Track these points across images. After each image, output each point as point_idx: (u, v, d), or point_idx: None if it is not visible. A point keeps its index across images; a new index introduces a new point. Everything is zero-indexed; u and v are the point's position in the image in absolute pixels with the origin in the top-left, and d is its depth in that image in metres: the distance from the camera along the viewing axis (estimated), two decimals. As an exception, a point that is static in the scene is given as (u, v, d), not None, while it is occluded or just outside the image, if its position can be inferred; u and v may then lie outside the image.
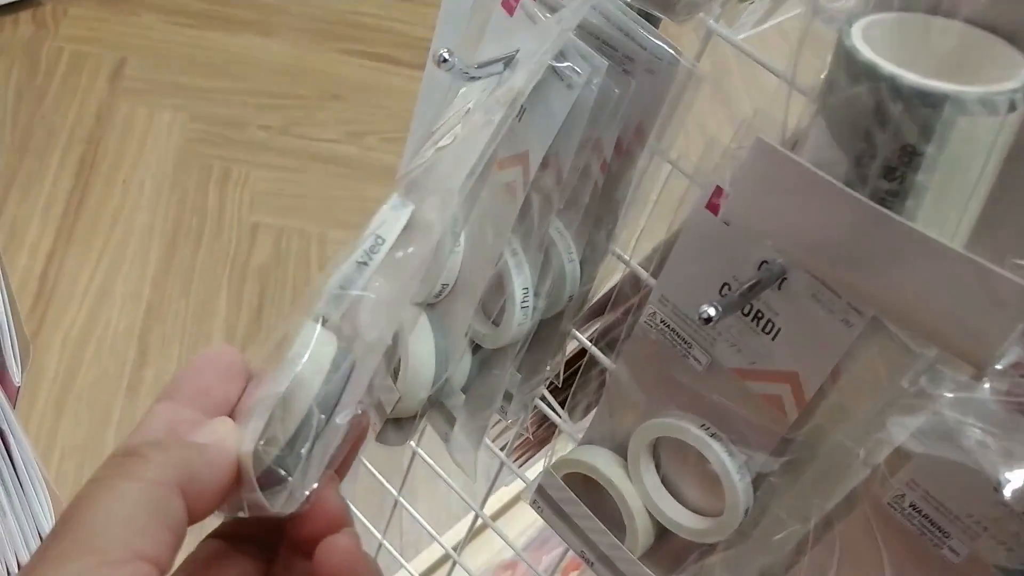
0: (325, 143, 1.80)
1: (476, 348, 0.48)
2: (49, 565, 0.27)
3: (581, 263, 0.47)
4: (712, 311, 0.32)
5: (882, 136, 0.26)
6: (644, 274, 0.43)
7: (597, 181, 0.42)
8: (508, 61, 0.38)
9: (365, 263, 0.34)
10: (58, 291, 1.44)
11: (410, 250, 0.35)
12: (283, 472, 0.32)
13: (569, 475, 0.47)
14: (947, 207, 0.28)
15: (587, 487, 0.47)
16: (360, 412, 0.33)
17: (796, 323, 0.35)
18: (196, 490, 0.30)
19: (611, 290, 0.51)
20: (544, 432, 0.65)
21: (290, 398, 0.32)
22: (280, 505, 0.31)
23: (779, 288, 0.36)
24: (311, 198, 1.69)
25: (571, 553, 0.94)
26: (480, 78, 0.38)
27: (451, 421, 0.49)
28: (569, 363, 0.54)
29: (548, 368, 0.52)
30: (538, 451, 0.71)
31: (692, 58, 0.41)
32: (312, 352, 0.33)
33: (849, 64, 0.27)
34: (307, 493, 0.32)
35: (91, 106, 1.74)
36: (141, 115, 1.75)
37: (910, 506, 0.35)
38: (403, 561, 0.85)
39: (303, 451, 0.32)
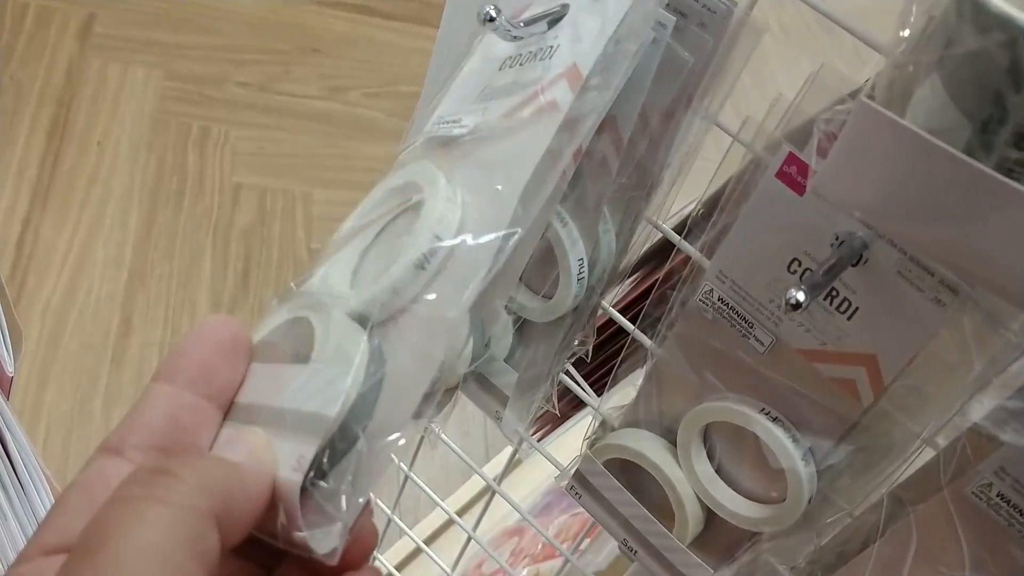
0: (306, 99, 1.74)
1: (519, 324, 0.46)
2: None
3: (616, 234, 0.43)
4: (801, 295, 0.29)
5: (1016, 99, 0.23)
6: (693, 251, 0.39)
7: (642, 147, 0.39)
8: (553, 20, 0.35)
9: (422, 267, 0.31)
10: (36, 258, 1.39)
11: (465, 244, 0.31)
12: (332, 511, 0.28)
13: (607, 460, 0.44)
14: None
15: (625, 470, 0.44)
16: (404, 441, 0.29)
17: (877, 302, 0.32)
18: (230, 517, 0.26)
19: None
20: (564, 407, 0.62)
21: (336, 422, 0.28)
22: (326, 548, 0.28)
23: (856, 265, 0.33)
24: (294, 156, 1.64)
25: (579, 519, 0.91)
26: (523, 37, 0.34)
27: (503, 401, 0.46)
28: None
29: (578, 343, 0.49)
30: (555, 427, 0.68)
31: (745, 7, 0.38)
32: (357, 367, 0.29)
33: (977, 14, 0.24)
34: (349, 529, 0.28)
35: (61, 64, 1.67)
36: (114, 73, 1.68)
37: (998, 495, 0.33)
38: (407, 530, 0.83)
39: (349, 485, 0.28)
